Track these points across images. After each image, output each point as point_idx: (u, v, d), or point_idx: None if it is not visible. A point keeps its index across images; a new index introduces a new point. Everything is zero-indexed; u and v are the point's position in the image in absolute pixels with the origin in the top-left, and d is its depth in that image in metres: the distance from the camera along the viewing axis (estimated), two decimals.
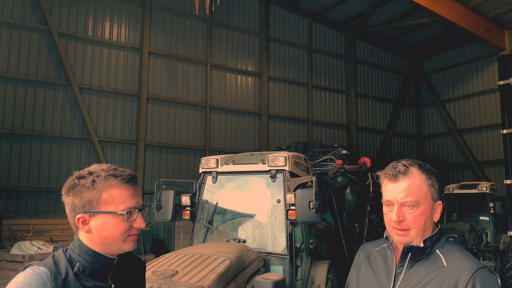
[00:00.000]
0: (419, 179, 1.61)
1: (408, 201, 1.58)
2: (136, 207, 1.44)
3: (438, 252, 1.60)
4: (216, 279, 3.45)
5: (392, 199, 1.61)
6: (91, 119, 10.10)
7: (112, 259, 1.44)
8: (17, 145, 9.16)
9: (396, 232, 1.61)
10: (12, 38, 9.26)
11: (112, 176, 1.42)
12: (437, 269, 1.55)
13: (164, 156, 11.20)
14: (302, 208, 4.39)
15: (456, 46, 16.04)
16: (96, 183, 1.40)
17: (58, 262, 1.37)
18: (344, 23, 15.11)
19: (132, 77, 10.86)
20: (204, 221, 5.08)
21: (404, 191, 1.59)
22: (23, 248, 5.89)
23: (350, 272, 1.92)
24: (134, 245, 1.47)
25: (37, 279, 1.27)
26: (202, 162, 5.29)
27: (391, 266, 1.67)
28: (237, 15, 12.94)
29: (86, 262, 1.39)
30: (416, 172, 1.62)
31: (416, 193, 1.58)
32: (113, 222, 1.39)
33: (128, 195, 1.43)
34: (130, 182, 1.45)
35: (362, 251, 1.89)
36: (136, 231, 1.45)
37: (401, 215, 1.58)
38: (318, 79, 14.60)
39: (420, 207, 1.58)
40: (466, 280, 1.45)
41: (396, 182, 1.61)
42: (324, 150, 8.78)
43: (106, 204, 1.39)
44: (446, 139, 16.62)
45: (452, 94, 16.35)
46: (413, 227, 1.58)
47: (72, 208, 1.41)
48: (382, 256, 1.75)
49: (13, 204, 8.95)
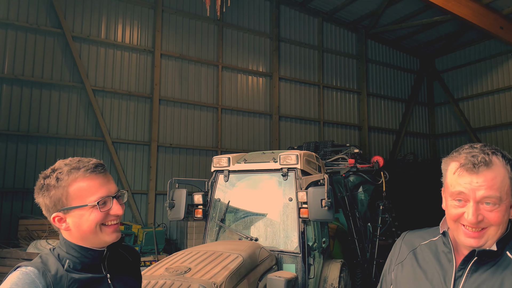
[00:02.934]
0: (503, 172, 1.33)
1: (490, 197, 1.30)
2: (109, 195, 1.39)
3: (509, 255, 1.36)
4: (228, 276, 3.46)
5: (468, 193, 1.32)
6: (104, 120, 10.23)
7: (101, 251, 1.41)
8: (32, 146, 9.33)
9: (467, 233, 1.33)
10: (27, 41, 9.44)
11: (75, 169, 1.38)
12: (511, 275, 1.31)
13: (177, 157, 11.28)
14: (314, 206, 4.38)
15: (469, 44, 15.83)
16: (60, 180, 1.36)
17: (46, 261, 1.35)
18: (355, 23, 15.03)
19: (144, 79, 10.97)
20: (216, 219, 5.11)
21: (485, 186, 1.30)
22: (39, 247, 6.00)
23: (387, 266, 1.65)
24: (117, 235, 1.42)
25: (24, 278, 1.25)
26: (214, 161, 5.31)
27: (448, 267, 1.41)
28: (248, 16, 12.98)
29: (75, 258, 1.37)
30: (499, 163, 1.34)
31: (499, 188, 1.30)
32: (88, 215, 1.35)
33: (96, 184, 1.38)
34: (95, 171, 1.39)
35: (404, 242, 1.61)
36: (114, 219, 1.40)
37: (479, 214, 1.30)
38: (330, 79, 14.55)
39: (502, 204, 1.31)
40: None
41: (476, 174, 1.31)
42: (336, 149, 8.75)
43: (76, 199, 1.35)
44: (460, 138, 16.39)
45: (465, 92, 16.13)
46: (493, 225, 1.32)
47: (46, 209, 1.38)
48: (433, 253, 1.49)
49: (29, 205, 9.10)
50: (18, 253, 5.86)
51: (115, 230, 1.41)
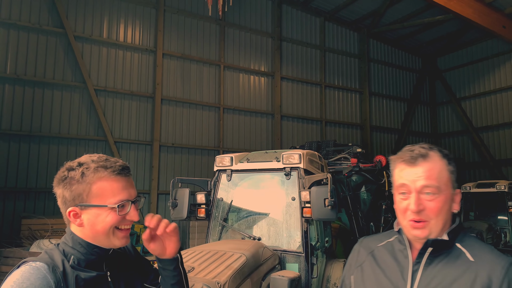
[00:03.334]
0: (440, 164, 1.43)
1: (429, 187, 1.38)
2: (129, 200, 1.38)
3: (459, 246, 1.44)
4: (232, 275, 3.46)
5: (410, 185, 1.41)
6: (106, 120, 10.24)
7: (107, 250, 1.40)
8: (35, 146, 9.34)
9: (413, 225, 1.41)
10: (29, 41, 9.46)
11: (102, 167, 1.35)
12: (463, 265, 1.39)
13: (179, 157, 11.28)
14: (318, 205, 4.37)
15: (471, 43, 15.81)
16: (85, 176, 1.34)
17: (52, 256, 1.32)
18: (357, 22, 15.01)
19: (146, 79, 10.98)
20: (219, 219, 5.10)
21: (424, 176, 1.39)
22: (42, 246, 6.01)
23: (346, 270, 1.72)
24: (127, 241, 1.41)
25: (36, 273, 1.23)
26: (217, 160, 5.31)
27: (405, 263, 1.48)
28: (250, 16, 12.98)
29: (80, 255, 1.35)
30: (436, 156, 1.44)
31: (437, 179, 1.40)
32: (105, 216, 1.34)
33: (120, 187, 1.37)
34: (121, 174, 1.38)
35: (363, 246, 1.69)
36: (128, 224, 1.39)
37: (420, 204, 1.38)
38: (331, 79, 14.54)
39: (442, 195, 1.39)
40: (501, 277, 1.33)
41: (415, 166, 1.42)
42: (338, 149, 8.73)
43: (97, 197, 1.33)
44: (462, 137, 16.37)
45: (468, 92, 16.11)
46: (434, 217, 1.39)
47: (63, 201, 1.36)
48: (390, 252, 1.56)
49: (32, 204, 9.12)
50: (21, 252, 5.87)
51: (125, 236, 1.40)
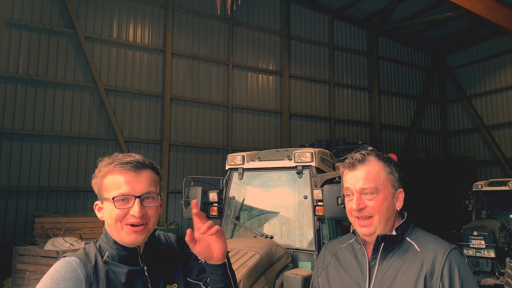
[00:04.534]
0: (377, 166, 1.59)
1: (366, 187, 1.55)
2: (130, 194, 1.36)
3: (408, 240, 1.59)
4: (247, 273, 3.48)
5: (351, 187, 1.58)
6: (116, 120, 10.32)
7: (135, 249, 1.42)
8: (47, 146, 9.44)
9: (359, 223, 1.57)
10: (41, 42, 9.55)
11: (112, 162, 1.41)
12: (411, 255, 1.54)
13: (188, 156, 11.33)
14: (330, 204, 4.36)
15: (482, 40, 15.64)
16: (100, 171, 1.43)
17: (88, 252, 1.40)
18: (366, 20, 14.94)
19: (155, 78, 11.04)
20: (231, 217, 5.12)
21: (362, 178, 1.57)
22: (56, 244, 6.08)
23: (314, 273, 1.84)
24: (136, 238, 1.37)
25: (66, 266, 1.31)
26: (229, 159, 5.32)
27: (363, 260, 1.63)
28: (258, 15, 12.97)
29: (113, 250, 1.40)
30: (373, 160, 1.61)
31: (374, 180, 1.56)
32: (110, 209, 1.37)
33: (123, 180, 1.37)
34: (125, 167, 1.38)
35: (327, 250, 1.82)
36: (133, 220, 1.36)
37: (361, 203, 1.55)
38: (340, 77, 14.49)
39: (380, 194, 1.55)
40: (443, 262, 1.47)
41: (354, 170, 1.59)
42: (348, 147, 8.73)
43: (106, 190, 1.39)
44: (473, 135, 16.22)
45: (478, 89, 15.95)
46: (375, 213, 1.54)
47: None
48: (351, 252, 1.70)
49: (44, 203, 9.22)
50: (36, 250, 5.94)
51: (134, 231, 1.36)
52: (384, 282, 1.53)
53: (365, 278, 1.58)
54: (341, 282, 1.65)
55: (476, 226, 8.36)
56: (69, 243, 6.04)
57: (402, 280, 1.50)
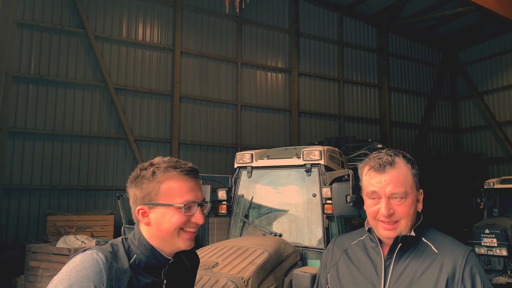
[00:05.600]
0: (405, 169, 1.55)
1: (397, 192, 1.51)
2: (195, 201, 1.39)
3: (424, 240, 1.58)
4: (255, 271, 3.48)
5: (379, 191, 1.53)
6: (126, 118, 10.39)
7: (167, 259, 1.42)
8: (58, 144, 9.55)
9: (384, 227, 1.54)
10: (52, 42, 9.66)
11: (172, 167, 1.39)
12: (429, 257, 1.53)
13: (197, 154, 11.38)
14: (339, 202, 4.35)
15: (494, 35, 15.42)
16: (155, 175, 1.37)
17: (116, 251, 1.36)
18: (376, 16, 14.82)
19: (165, 77, 11.09)
20: (240, 215, 5.13)
21: (392, 183, 1.51)
22: (68, 242, 6.16)
23: (322, 269, 1.79)
24: (191, 244, 1.42)
25: (94, 265, 1.26)
26: (237, 157, 5.33)
27: (377, 259, 1.59)
28: (267, 12, 12.95)
29: (143, 256, 1.37)
30: (401, 162, 1.56)
31: (404, 184, 1.52)
32: (171, 216, 1.36)
33: (187, 187, 1.39)
34: (190, 175, 1.40)
35: (336, 246, 1.77)
36: (193, 227, 1.40)
37: (390, 208, 1.51)
38: (350, 74, 14.41)
39: (408, 198, 1.53)
40: (463, 264, 1.47)
41: (383, 174, 1.53)
42: (358, 145, 8.68)
43: (165, 196, 1.36)
44: (485, 132, 16.01)
45: (490, 85, 15.73)
46: (403, 218, 1.52)
47: (134, 200, 1.40)
48: (362, 250, 1.66)
49: (56, 202, 9.34)
50: (48, 248, 6.03)
51: (190, 238, 1.41)
52: (400, 283, 1.51)
53: (380, 277, 1.55)
54: (353, 281, 1.61)
55: (488, 224, 8.27)
56: (80, 241, 6.12)
57: (420, 282, 1.48)
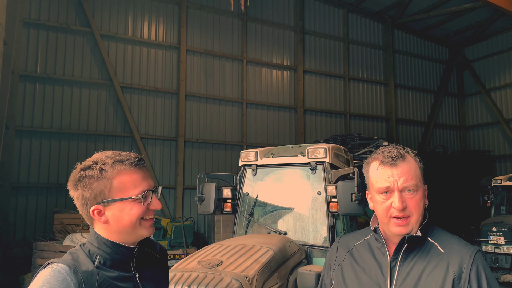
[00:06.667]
0: (414, 163, 1.56)
1: (409, 185, 1.50)
2: (149, 189, 1.39)
3: (430, 240, 1.56)
4: (260, 269, 3.49)
5: (391, 185, 1.51)
6: (132, 117, 10.44)
7: (132, 248, 1.40)
8: (65, 143, 9.62)
9: (397, 223, 1.50)
10: (58, 41, 9.72)
11: (119, 161, 1.35)
12: (435, 257, 1.51)
13: (203, 152, 11.40)
14: (344, 200, 4.34)
15: (501, 31, 15.25)
16: (104, 172, 1.33)
17: (77, 257, 1.32)
18: (381, 13, 14.73)
19: (170, 75, 11.12)
20: (245, 213, 5.14)
21: (404, 176, 1.50)
22: (74, 240, 6.21)
23: (326, 269, 1.78)
24: (152, 230, 1.42)
25: (56, 276, 1.23)
26: (242, 155, 5.33)
27: (383, 259, 1.57)
28: (272, 10, 12.92)
29: (106, 254, 1.35)
30: (410, 157, 1.57)
31: (415, 177, 1.52)
32: (129, 209, 1.34)
33: (139, 178, 1.37)
34: (138, 165, 1.38)
35: (340, 246, 1.75)
36: (152, 213, 1.41)
37: (403, 201, 1.49)
38: (356, 71, 14.34)
39: (419, 192, 1.53)
40: (470, 265, 1.46)
41: (394, 167, 1.52)
42: (364, 142, 8.63)
43: (120, 191, 1.33)
44: (492, 129, 15.87)
45: (498, 82, 15.57)
46: (414, 212, 1.51)
47: (83, 202, 1.34)
48: (368, 250, 1.64)
49: (63, 200, 9.41)
50: (55, 246, 6.09)
51: (151, 225, 1.41)
52: (407, 284, 1.49)
53: (386, 278, 1.53)
54: (358, 282, 1.60)
55: (495, 222, 8.22)
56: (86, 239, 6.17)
57: (427, 282, 1.47)
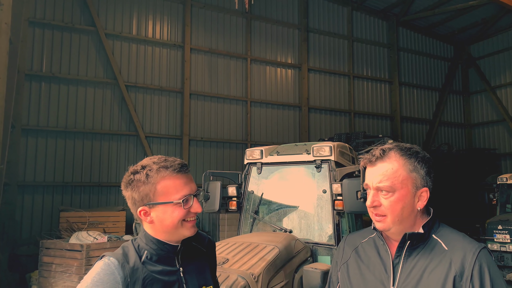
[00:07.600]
0: (397, 164, 1.53)
1: (382, 186, 1.50)
2: (191, 194, 1.50)
3: (435, 237, 1.54)
4: (266, 267, 3.50)
5: (369, 183, 1.55)
6: (137, 115, 10.47)
7: (176, 246, 1.53)
8: (70, 141, 9.67)
9: (374, 218, 1.56)
10: (63, 40, 9.76)
11: (163, 167, 1.47)
12: (438, 254, 1.49)
13: (208, 150, 11.42)
14: (350, 198, 4.33)
15: (507, 28, 15.15)
16: (149, 177, 1.46)
17: (127, 252, 1.47)
18: (386, 10, 14.67)
19: (175, 74, 11.14)
20: (250, 211, 5.15)
21: (379, 176, 1.52)
22: (80, 238, 6.25)
23: (333, 268, 1.79)
24: (194, 230, 1.54)
25: (106, 269, 1.39)
26: (247, 154, 5.34)
27: (386, 257, 1.58)
28: (276, 8, 12.90)
29: (152, 250, 1.48)
30: (394, 157, 1.54)
31: (391, 178, 1.50)
32: (171, 211, 1.46)
33: (181, 183, 1.49)
34: (181, 171, 1.50)
35: (346, 244, 1.77)
36: (193, 216, 1.52)
37: (375, 200, 1.52)
38: (360, 69, 14.30)
39: (396, 193, 1.50)
40: (473, 262, 1.43)
41: (373, 166, 1.55)
42: (368, 140, 8.63)
43: (163, 195, 1.46)
44: (497, 127, 15.78)
45: (503, 80, 15.48)
46: (389, 213, 1.50)
47: (132, 202, 1.49)
48: (373, 248, 1.65)
49: (69, 198, 9.47)
50: (61, 244, 6.13)
51: (193, 225, 1.53)
52: (409, 281, 1.48)
53: (389, 276, 1.54)
54: (362, 279, 1.61)
55: (500, 220, 8.18)
56: (92, 237, 6.20)
57: (429, 280, 1.45)
